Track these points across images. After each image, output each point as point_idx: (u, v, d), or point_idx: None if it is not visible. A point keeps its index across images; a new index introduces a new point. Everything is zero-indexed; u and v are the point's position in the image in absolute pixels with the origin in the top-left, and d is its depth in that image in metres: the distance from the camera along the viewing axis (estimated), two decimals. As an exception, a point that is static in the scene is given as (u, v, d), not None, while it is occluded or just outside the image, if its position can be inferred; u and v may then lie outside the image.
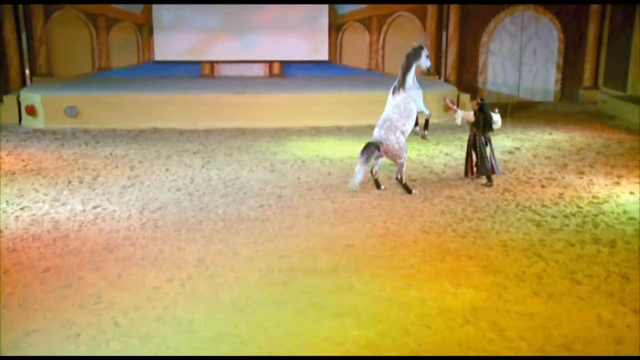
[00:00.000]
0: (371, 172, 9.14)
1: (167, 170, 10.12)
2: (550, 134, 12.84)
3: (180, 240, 7.22)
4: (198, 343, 5.13)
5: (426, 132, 9.35)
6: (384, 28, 16.42)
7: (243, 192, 8.97)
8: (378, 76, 16.17)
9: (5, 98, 13.72)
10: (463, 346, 5.08)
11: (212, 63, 16.24)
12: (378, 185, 9.12)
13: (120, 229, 7.54)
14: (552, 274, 6.32)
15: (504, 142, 12.12)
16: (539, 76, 16.90)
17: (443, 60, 16.47)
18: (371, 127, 13.07)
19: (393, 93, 8.95)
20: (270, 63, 16.43)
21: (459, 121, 9.49)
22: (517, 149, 11.56)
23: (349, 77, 15.95)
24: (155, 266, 6.52)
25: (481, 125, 9.23)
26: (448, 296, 5.86)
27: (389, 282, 6.12)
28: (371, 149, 8.74)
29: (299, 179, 9.64)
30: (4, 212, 8.07)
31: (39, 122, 13.18)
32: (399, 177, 8.97)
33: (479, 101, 9.33)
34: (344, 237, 7.28)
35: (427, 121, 9.27)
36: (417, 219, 7.89)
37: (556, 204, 8.47)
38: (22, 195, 8.73)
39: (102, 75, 15.76)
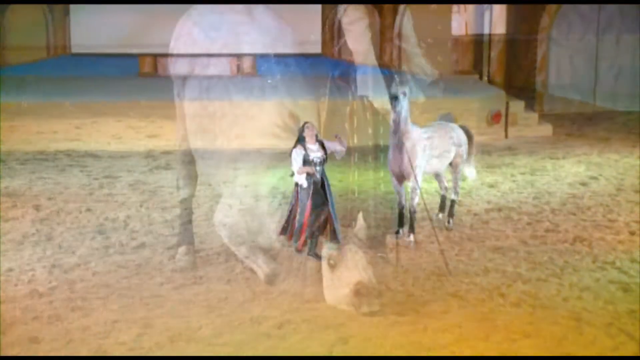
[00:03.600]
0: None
1: (88, 210, 10.12)
2: (641, 157, 12.99)
3: (108, 310, 7.20)
4: None
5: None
6: (401, 8, 16.55)
7: (200, 242, 8.97)
8: (391, 75, 16.29)
9: None
10: None
11: (154, 57, 16.34)
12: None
13: (18, 297, 7.50)
14: (647, 360, 6.34)
15: (574, 168, 12.20)
16: (624, 76, 17.04)
17: (485, 53, 16.59)
18: (380, 148, 13.14)
19: None
20: (239, 57, 16.56)
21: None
22: (594, 178, 11.64)
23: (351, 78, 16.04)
24: (70, 351, 6.48)
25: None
26: (496, 391, 5.86)
27: (409, 371, 6.13)
28: None
29: (279, 221, 9.63)
30: None
31: None
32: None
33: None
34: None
35: None
36: (449, 280, 7.91)
37: (651, 258, 8.54)
38: None
39: (-8, 74, 15.86)
